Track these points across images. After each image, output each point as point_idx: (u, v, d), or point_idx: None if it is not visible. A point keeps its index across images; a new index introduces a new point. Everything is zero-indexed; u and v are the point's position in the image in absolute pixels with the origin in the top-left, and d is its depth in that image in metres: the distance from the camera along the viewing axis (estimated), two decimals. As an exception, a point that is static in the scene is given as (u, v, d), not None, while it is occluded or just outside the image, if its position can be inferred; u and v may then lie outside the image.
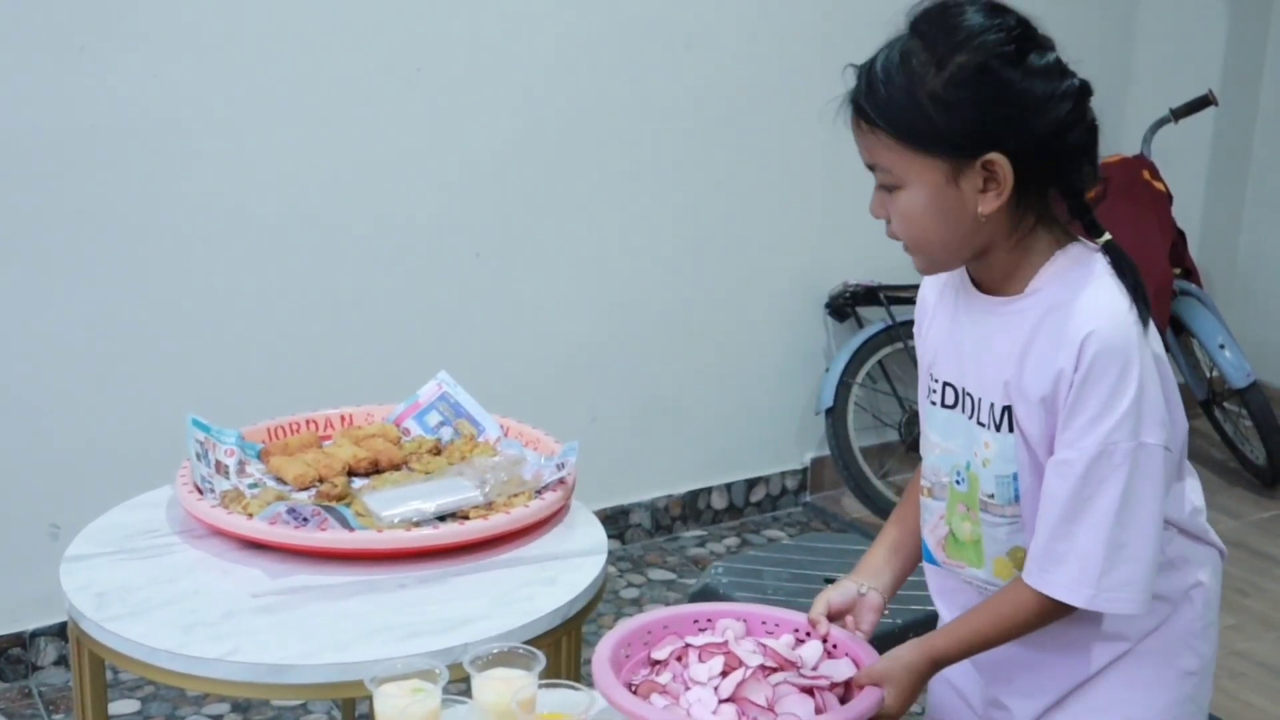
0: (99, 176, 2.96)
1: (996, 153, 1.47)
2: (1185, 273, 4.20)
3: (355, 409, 2.44)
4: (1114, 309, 1.52)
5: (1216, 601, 1.70)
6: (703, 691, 1.57)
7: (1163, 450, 1.51)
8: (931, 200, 1.51)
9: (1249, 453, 4.27)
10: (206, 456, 2.15)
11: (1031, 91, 1.48)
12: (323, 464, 2.18)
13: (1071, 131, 1.51)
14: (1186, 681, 1.66)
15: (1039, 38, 1.52)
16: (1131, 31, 4.40)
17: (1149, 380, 1.50)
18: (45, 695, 3.04)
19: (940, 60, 1.47)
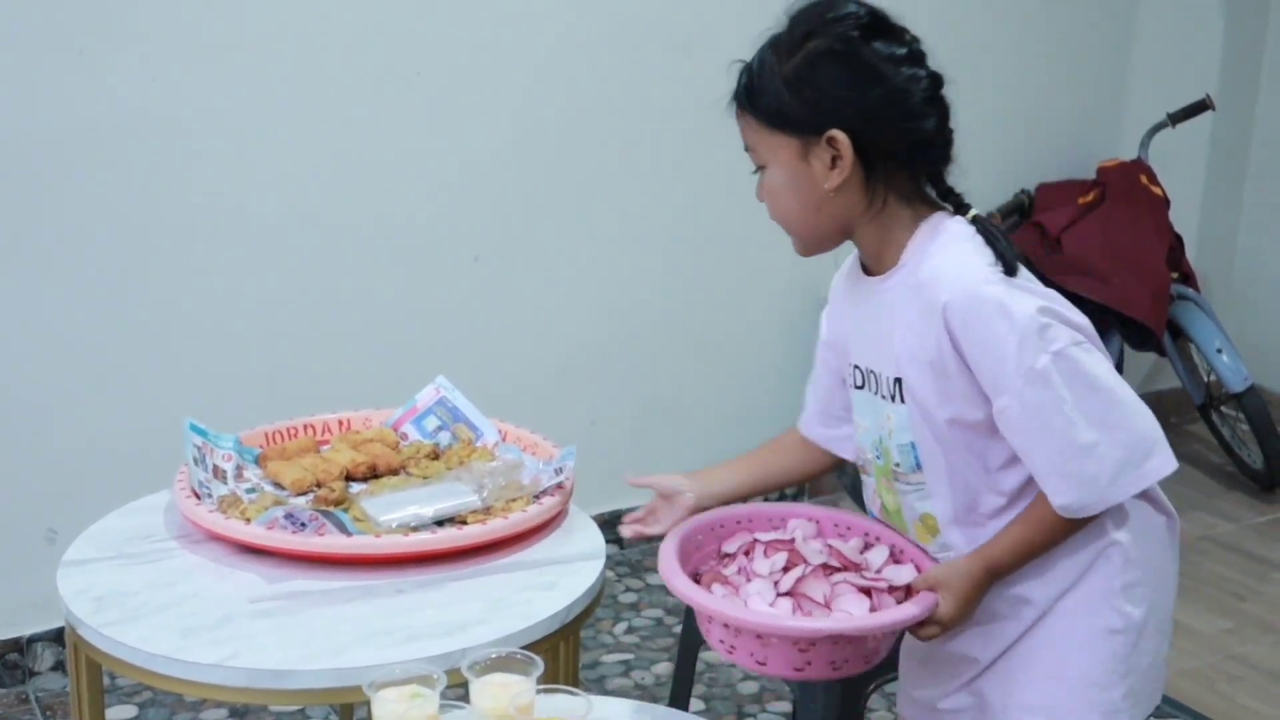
0: (97, 178, 2.96)
1: (837, 129, 1.59)
2: (1183, 277, 4.21)
3: (353, 414, 2.44)
4: (961, 270, 1.60)
5: (1148, 559, 1.71)
6: (763, 584, 1.64)
7: (1077, 347, 1.57)
8: (788, 177, 1.65)
9: (1246, 457, 4.28)
10: (204, 461, 2.15)
11: (874, 75, 1.59)
12: (320, 469, 2.18)
13: (922, 119, 1.63)
14: (1111, 640, 1.68)
15: (893, 29, 1.64)
16: (1129, 36, 4.40)
17: (1020, 305, 1.56)
18: (42, 700, 3.04)
19: (795, 45, 1.62)
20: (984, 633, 1.72)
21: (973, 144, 1.87)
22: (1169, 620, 1.78)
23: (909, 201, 1.67)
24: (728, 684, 3.13)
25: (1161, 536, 1.74)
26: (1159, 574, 1.73)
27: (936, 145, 1.67)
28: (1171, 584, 1.77)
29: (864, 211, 1.65)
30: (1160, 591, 1.73)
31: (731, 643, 1.61)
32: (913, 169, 1.67)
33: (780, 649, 1.58)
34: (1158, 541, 1.74)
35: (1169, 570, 1.76)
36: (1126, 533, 1.68)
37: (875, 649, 1.62)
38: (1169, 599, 1.76)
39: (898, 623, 1.60)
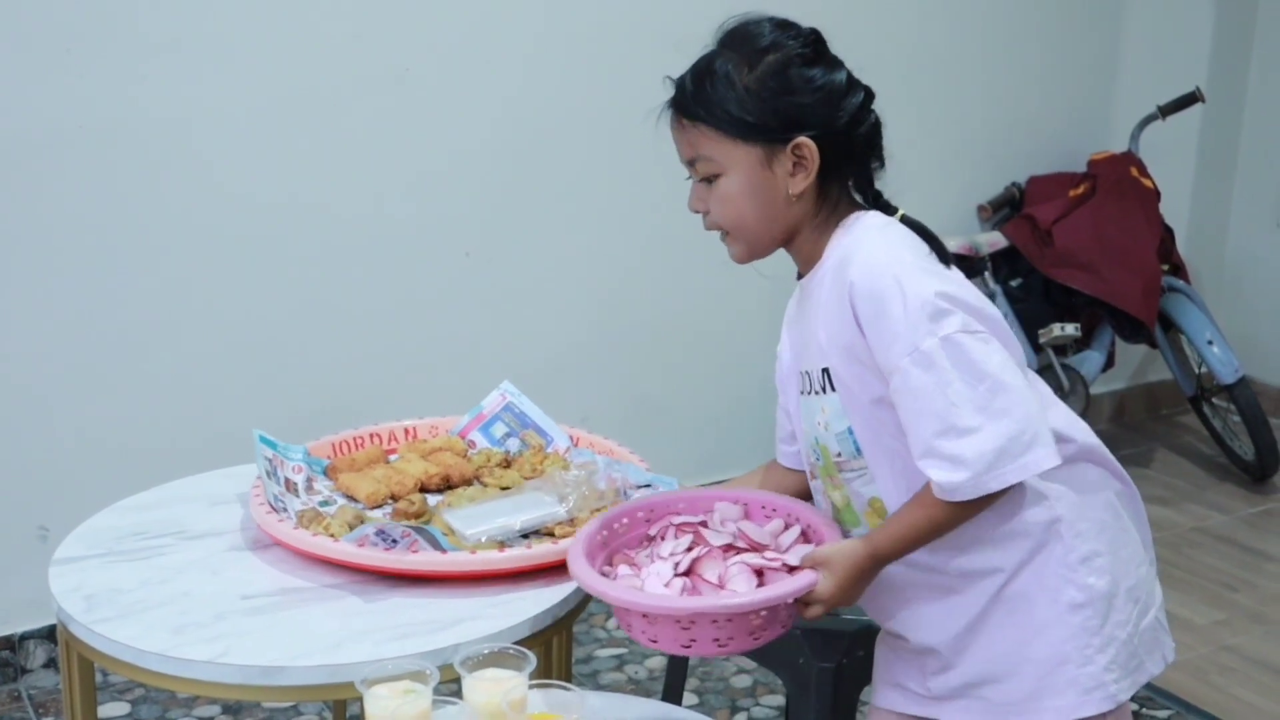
0: (87, 176, 2.96)
1: (804, 136, 1.67)
2: (1173, 269, 4.21)
3: (419, 421, 2.41)
4: (868, 251, 1.66)
5: (1102, 529, 1.71)
6: (662, 565, 1.70)
7: (969, 334, 1.59)
8: (749, 183, 1.71)
9: (1238, 448, 4.29)
10: (276, 474, 2.10)
11: (829, 85, 1.70)
12: (394, 481, 2.14)
13: (863, 126, 1.72)
14: (1075, 615, 1.69)
15: (829, 53, 1.75)
16: (1119, 29, 4.41)
17: (916, 287, 1.60)
18: (35, 698, 3.03)
19: (751, 61, 1.70)
20: (935, 622, 1.75)
21: (963, 137, 1.89)
22: (1146, 585, 1.77)
23: (848, 206, 1.75)
24: (721, 678, 3.13)
25: (1114, 504, 1.75)
26: (1118, 542, 1.74)
27: (875, 152, 1.76)
28: (1137, 550, 1.77)
29: (814, 216, 1.73)
30: (1123, 559, 1.74)
31: (628, 621, 1.68)
32: (856, 175, 1.75)
33: (665, 627, 1.63)
34: (1109, 509, 1.74)
35: (1130, 537, 1.76)
36: (1071, 507, 1.69)
37: (761, 626, 1.65)
38: (1137, 565, 1.76)
39: (760, 601, 1.62)
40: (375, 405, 3.35)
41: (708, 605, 1.62)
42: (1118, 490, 1.77)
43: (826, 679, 2.04)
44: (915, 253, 1.67)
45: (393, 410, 3.37)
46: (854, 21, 3.85)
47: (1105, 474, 1.77)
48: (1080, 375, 4.08)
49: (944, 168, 4.16)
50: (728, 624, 1.63)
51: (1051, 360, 4.07)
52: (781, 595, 1.64)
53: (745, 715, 2.99)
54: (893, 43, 3.93)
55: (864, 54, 4.41)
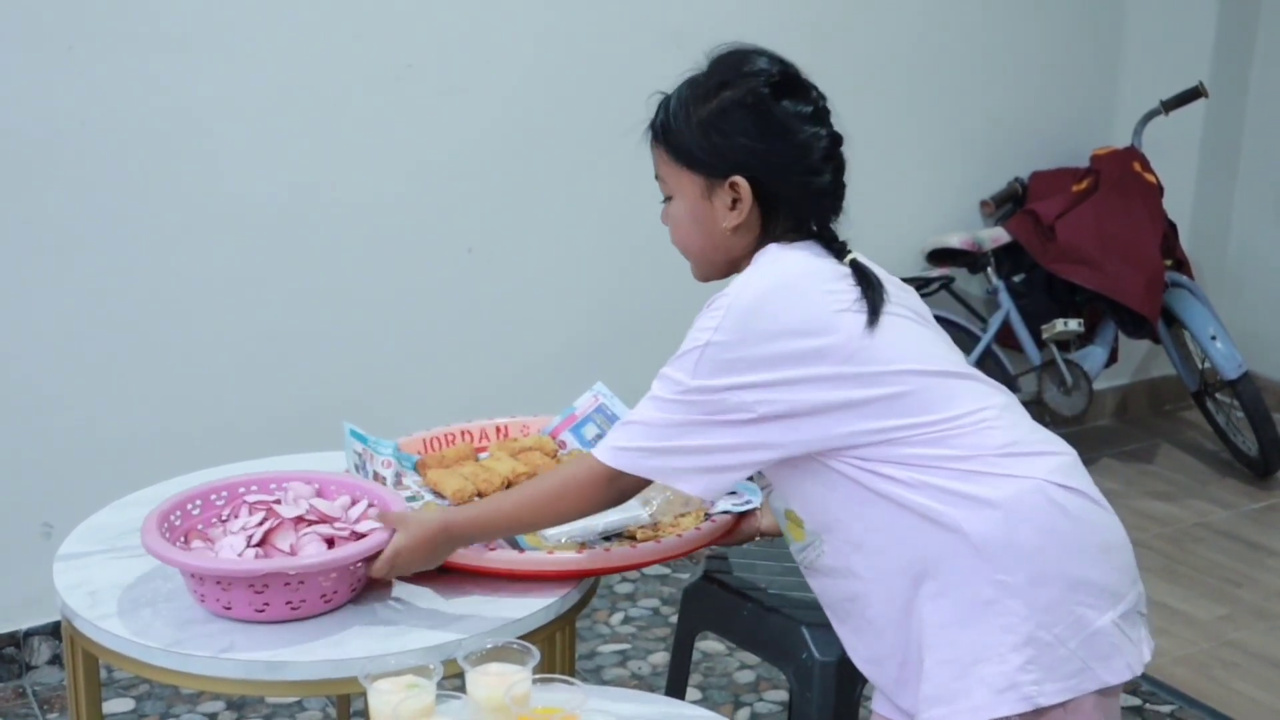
0: (89, 174, 2.96)
1: (740, 176, 1.73)
2: (1176, 264, 4.21)
3: (510, 420, 2.43)
4: (744, 284, 1.71)
5: (1019, 520, 1.67)
6: (235, 539, 1.86)
7: (733, 403, 1.68)
8: (690, 210, 1.79)
9: (1241, 443, 4.28)
10: (365, 468, 2.15)
11: (779, 129, 1.72)
12: (481, 478, 2.16)
13: (818, 175, 1.74)
14: (991, 610, 1.67)
15: (801, 87, 1.76)
16: (1122, 24, 4.40)
17: (748, 338, 1.67)
18: (40, 695, 3.04)
19: (707, 95, 1.76)
20: (870, 639, 1.78)
21: (966, 132, 1.89)
22: (1097, 587, 1.70)
23: (788, 245, 1.77)
24: (724, 673, 3.13)
25: (1054, 500, 1.69)
26: (1043, 534, 1.68)
27: (829, 198, 1.77)
28: (1082, 549, 1.70)
29: (749, 251, 1.78)
30: (1050, 553, 1.68)
31: (201, 591, 1.81)
32: (803, 218, 1.77)
33: (240, 592, 1.78)
34: (1042, 505, 1.69)
35: (1070, 535, 1.69)
36: (982, 522, 1.67)
37: (333, 589, 1.81)
38: (1081, 565, 1.69)
39: (329, 561, 1.78)
40: (379, 400, 3.36)
41: (280, 565, 1.78)
42: (1039, 485, 1.70)
43: (830, 674, 2.04)
44: (790, 299, 1.69)
45: (396, 405, 3.38)
46: (858, 18, 3.85)
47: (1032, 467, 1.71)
48: (1083, 371, 4.07)
49: (947, 163, 4.16)
50: (301, 587, 1.78)
51: (1054, 356, 4.07)
52: (350, 556, 1.79)
53: (749, 710, 2.99)
54: (896, 39, 3.92)
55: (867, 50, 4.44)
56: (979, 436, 1.70)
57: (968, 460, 1.69)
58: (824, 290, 1.70)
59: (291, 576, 1.78)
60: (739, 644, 2.29)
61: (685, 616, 2.34)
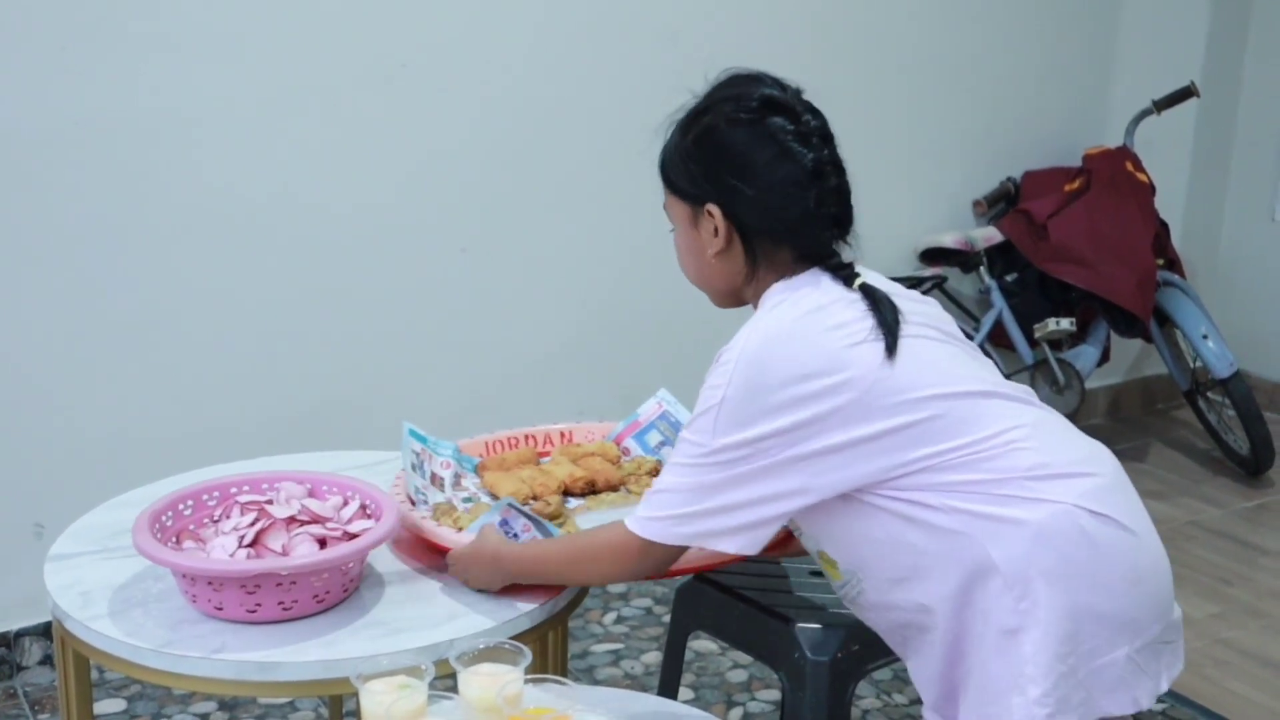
0: (82, 175, 2.95)
1: (713, 204, 1.73)
2: (1168, 263, 4.22)
3: (575, 426, 2.43)
4: (750, 333, 1.71)
5: (1045, 552, 1.64)
6: (227, 539, 1.86)
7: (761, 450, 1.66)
8: (683, 238, 1.82)
9: (1232, 442, 4.29)
10: (422, 468, 2.15)
11: (751, 156, 1.71)
12: (538, 481, 2.17)
13: (798, 200, 1.71)
14: (1013, 640, 1.65)
15: (786, 110, 1.73)
16: (1114, 24, 4.41)
17: (758, 389, 1.66)
18: (30, 695, 3.03)
19: (692, 119, 1.78)
20: (921, 664, 1.78)
21: (959, 132, 1.89)
22: (1107, 621, 1.67)
23: (786, 269, 1.75)
24: (717, 673, 3.13)
25: (1064, 525, 1.66)
26: (1066, 564, 1.65)
27: (817, 223, 1.73)
28: (1098, 577, 1.66)
29: (747, 281, 1.78)
30: (1072, 585, 1.65)
31: (193, 592, 1.81)
32: (795, 245, 1.74)
33: (231, 593, 1.77)
34: (1056, 527, 1.66)
35: (1086, 561, 1.66)
36: (1002, 530, 1.65)
37: (325, 589, 1.81)
38: (1094, 594, 1.66)
39: (321, 562, 1.79)
40: (371, 400, 3.36)
41: (272, 565, 1.77)
42: (1087, 523, 1.67)
43: (822, 673, 2.05)
44: (799, 343, 1.67)
45: (388, 405, 3.38)
46: (850, 18, 3.85)
47: (1075, 509, 1.68)
48: (1075, 370, 4.08)
49: (939, 163, 4.16)
50: (294, 587, 1.78)
51: (1047, 355, 4.07)
52: (342, 556, 1.80)
53: (741, 710, 3.00)
54: (888, 38, 3.93)
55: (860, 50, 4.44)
56: (1009, 459, 1.67)
57: (998, 484, 1.66)
58: (829, 327, 1.67)
59: (283, 577, 1.78)
60: (732, 643, 2.29)
61: (678, 616, 2.34)
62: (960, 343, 1.80)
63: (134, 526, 1.85)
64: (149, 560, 1.81)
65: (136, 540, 1.82)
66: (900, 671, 3.14)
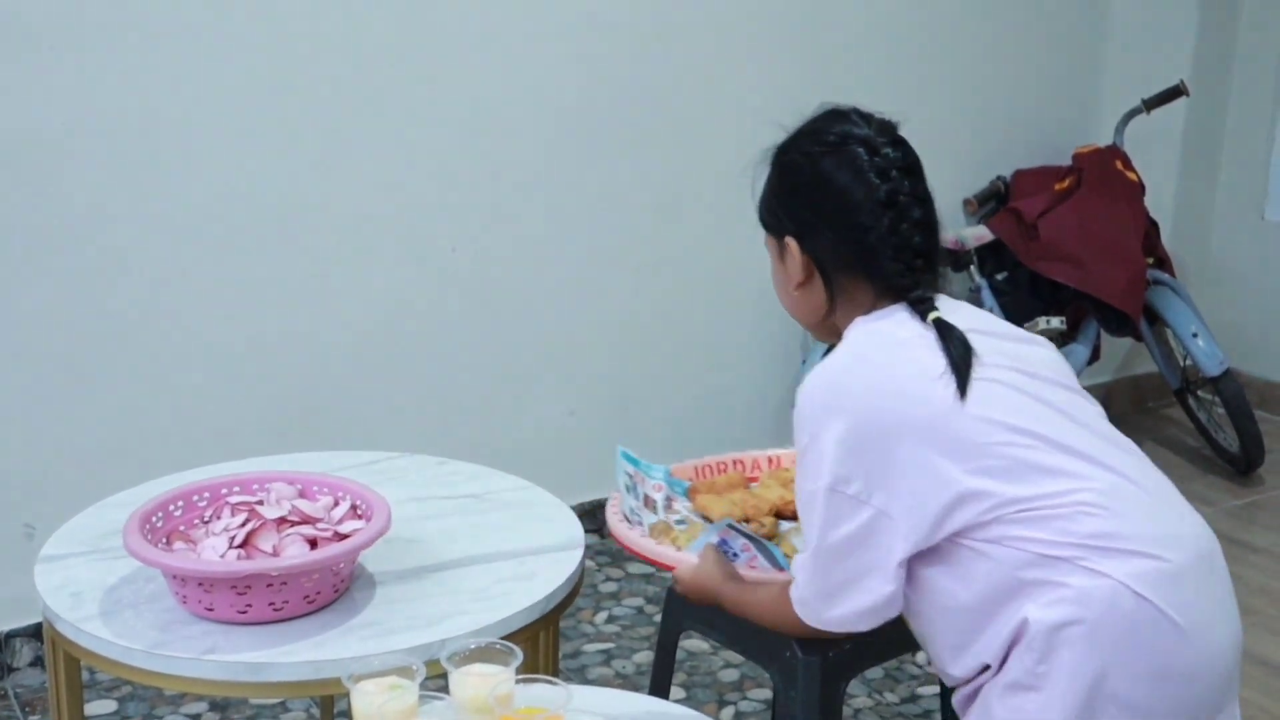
0: (68, 175, 2.94)
1: (790, 237, 1.78)
2: (1158, 262, 4.22)
3: (783, 451, 2.47)
4: (820, 373, 1.70)
5: (1065, 633, 1.59)
6: (217, 540, 1.87)
7: (851, 499, 1.66)
8: (774, 270, 1.85)
9: (1223, 440, 4.30)
10: (635, 490, 2.21)
11: (824, 192, 1.75)
12: (749, 504, 2.22)
13: (868, 231, 1.72)
14: (1028, 696, 1.61)
15: (865, 144, 1.76)
16: (1104, 22, 4.42)
17: (836, 433, 1.65)
18: (21, 697, 3.02)
19: (775, 156, 1.83)
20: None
21: (949, 131, 1.90)
22: (1125, 709, 1.60)
23: (868, 301, 1.76)
24: (709, 672, 3.13)
25: (1103, 600, 1.59)
26: (1093, 638, 1.59)
27: (890, 255, 1.73)
28: (1124, 660, 1.59)
29: (828, 313, 1.81)
30: (1096, 661, 1.58)
31: (183, 593, 1.81)
32: (868, 279, 1.76)
33: (222, 594, 1.78)
34: (1096, 599, 1.59)
35: (1115, 642, 1.59)
36: (1042, 593, 1.60)
37: (316, 590, 1.82)
38: (1117, 678, 1.59)
39: (312, 563, 1.79)
40: (362, 401, 3.36)
41: (262, 566, 1.78)
42: (1128, 604, 1.59)
43: (814, 672, 2.04)
44: (868, 380, 1.66)
45: (380, 405, 3.38)
46: (840, 17, 3.85)
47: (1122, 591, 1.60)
48: (1066, 368, 4.08)
49: (929, 162, 4.11)
50: (283, 587, 1.79)
51: (1037, 353, 4.07)
52: (333, 557, 1.81)
53: (733, 709, 3.00)
54: (877, 36, 3.93)
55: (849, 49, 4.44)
56: (1070, 522, 1.60)
57: (1052, 545, 1.60)
58: (902, 360, 1.67)
59: (274, 578, 1.78)
60: (723, 643, 2.29)
61: (669, 615, 2.33)
62: (1055, 388, 1.72)
63: (124, 527, 1.85)
64: (139, 561, 1.81)
65: (127, 541, 1.81)
66: (891, 670, 3.14)
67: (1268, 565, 3.72)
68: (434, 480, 2.33)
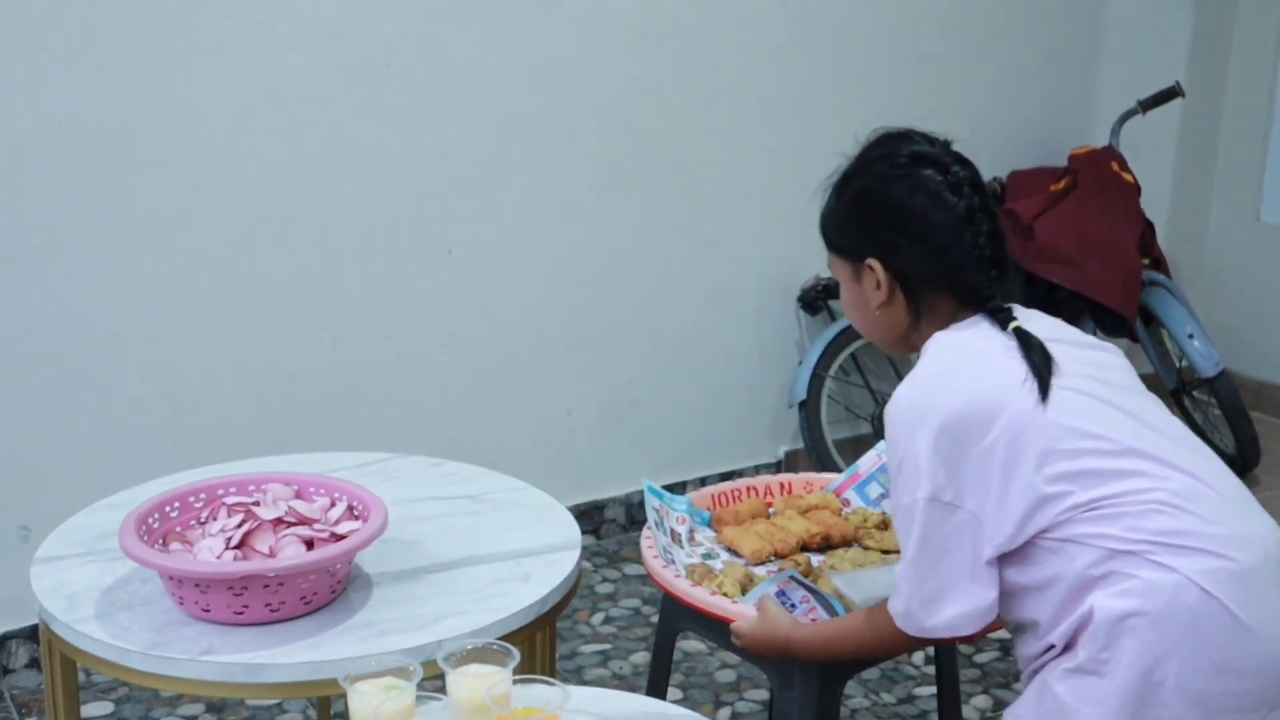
0: (64, 176, 2.94)
1: (873, 259, 1.81)
2: (1154, 263, 4.23)
3: (794, 477, 2.50)
4: (907, 385, 1.76)
5: (1130, 624, 1.64)
6: (214, 541, 1.87)
7: (947, 505, 1.69)
8: (848, 293, 1.89)
9: (1219, 441, 4.30)
10: (663, 524, 2.21)
11: (905, 211, 1.79)
12: (777, 538, 2.23)
13: (951, 248, 1.78)
14: (1087, 681, 1.66)
15: (934, 163, 1.82)
16: (1099, 24, 4.42)
17: (927, 442, 1.69)
18: (17, 699, 3.02)
19: (844, 184, 1.86)
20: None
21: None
22: (1180, 699, 1.64)
23: (949, 314, 1.82)
24: (705, 673, 3.13)
25: (1167, 593, 1.64)
26: (1155, 629, 1.63)
27: (971, 269, 1.79)
28: (1185, 654, 1.63)
29: (912, 326, 1.84)
30: (1155, 652, 1.63)
31: (180, 594, 1.81)
32: (951, 292, 1.81)
33: (218, 595, 1.78)
34: (1160, 591, 1.64)
35: (1176, 634, 1.63)
36: (1109, 585, 1.66)
37: (312, 591, 1.82)
38: (1174, 669, 1.63)
39: (309, 564, 1.79)
40: (358, 402, 3.36)
41: (258, 567, 1.78)
42: (1195, 600, 1.64)
43: (811, 673, 2.05)
44: (954, 388, 1.70)
45: (375, 406, 3.38)
46: (835, 18, 3.86)
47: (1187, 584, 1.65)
48: (1062, 369, 4.08)
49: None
50: (279, 588, 1.79)
51: (1033, 354, 4.07)
52: (329, 558, 1.81)
53: (729, 710, 3.00)
54: (873, 38, 3.93)
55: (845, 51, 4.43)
56: (1142, 519, 1.66)
57: (1122, 540, 1.65)
58: (986, 369, 1.72)
59: (270, 579, 1.78)
60: (720, 643, 2.29)
61: (666, 616, 2.33)
62: (1128, 393, 1.79)
63: (120, 529, 1.85)
64: (136, 562, 1.80)
65: (123, 542, 1.81)
66: (888, 671, 3.14)
67: (1264, 566, 3.72)
68: (430, 481, 2.33)
